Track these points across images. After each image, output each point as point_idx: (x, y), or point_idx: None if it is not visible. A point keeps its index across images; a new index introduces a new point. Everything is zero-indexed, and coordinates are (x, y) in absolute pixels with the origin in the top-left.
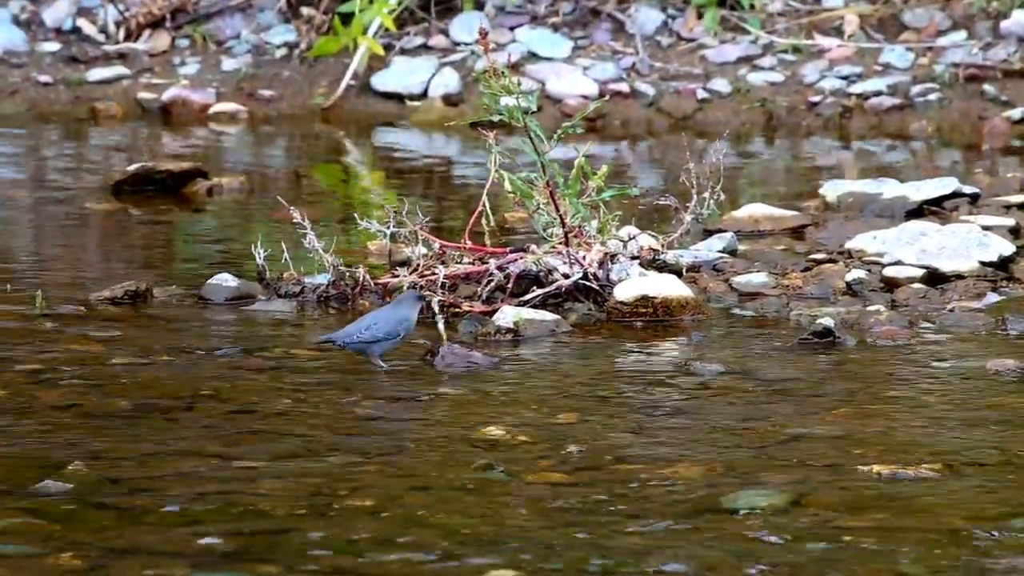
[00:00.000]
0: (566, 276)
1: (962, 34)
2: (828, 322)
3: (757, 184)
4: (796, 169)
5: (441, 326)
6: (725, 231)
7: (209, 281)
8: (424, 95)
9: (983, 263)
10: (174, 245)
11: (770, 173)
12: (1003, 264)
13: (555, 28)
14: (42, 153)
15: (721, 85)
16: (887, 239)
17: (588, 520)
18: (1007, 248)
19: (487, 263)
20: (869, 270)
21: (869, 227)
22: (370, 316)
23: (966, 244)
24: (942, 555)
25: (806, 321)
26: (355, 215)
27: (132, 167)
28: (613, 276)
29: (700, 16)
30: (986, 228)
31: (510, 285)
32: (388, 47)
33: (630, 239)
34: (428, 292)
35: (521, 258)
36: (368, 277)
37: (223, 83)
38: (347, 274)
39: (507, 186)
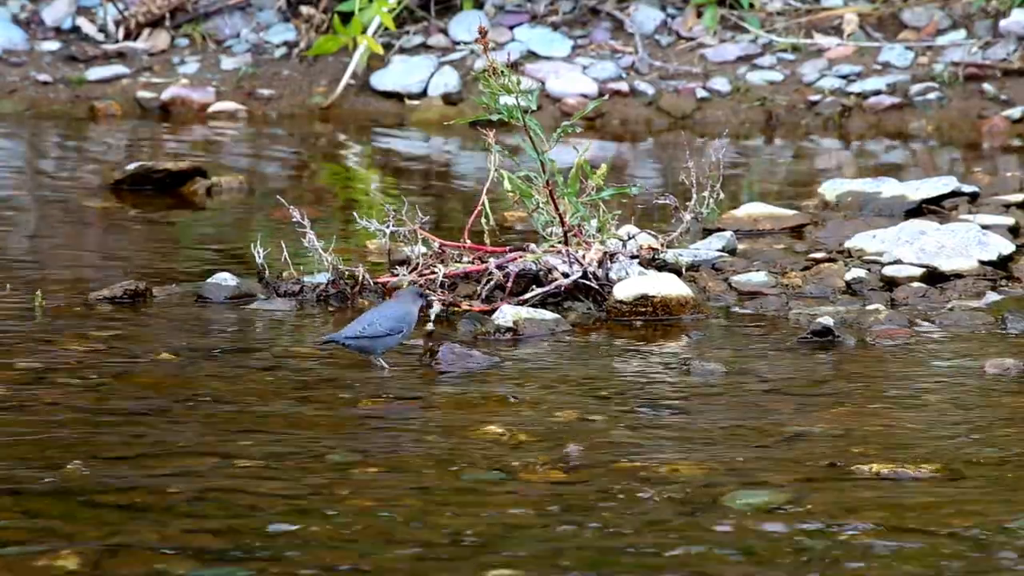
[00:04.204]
0: (565, 275)
1: (961, 33)
2: (827, 321)
3: (756, 183)
4: (795, 168)
5: (431, 324)
6: (724, 230)
7: (208, 280)
8: (423, 94)
9: (982, 262)
10: (173, 244)
11: (769, 172)
12: (1002, 263)
13: (554, 27)
14: (41, 152)
15: (720, 84)
16: (886, 238)
17: (587, 519)
18: (1006, 247)
19: (486, 262)
20: (868, 269)
21: (868, 226)
22: (371, 313)
23: (965, 243)
24: (942, 555)
25: (805, 320)
26: (355, 214)
27: (131, 166)
28: (612, 275)
29: (699, 15)
30: (985, 227)
31: (509, 284)
32: (387, 46)
33: (629, 238)
34: (428, 291)
35: (520, 257)
36: (368, 276)
37: (222, 82)
38: (346, 273)
39: (506, 185)
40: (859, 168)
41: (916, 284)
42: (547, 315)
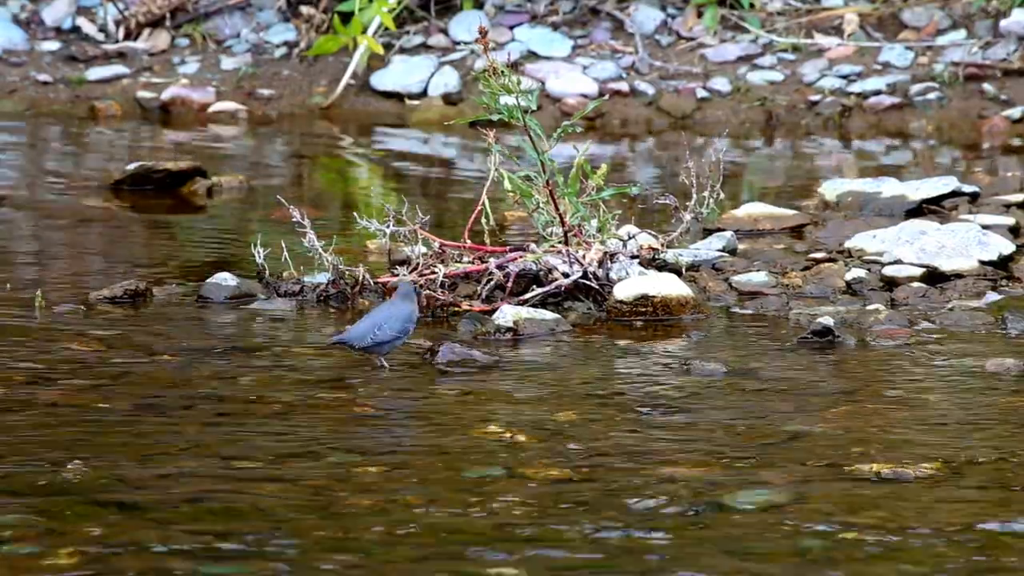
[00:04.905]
0: (566, 275)
1: (961, 33)
2: (828, 321)
3: (757, 183)
4: (795, 168)
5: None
6: (725, 230)
7: (209, 280)
8: (424, 94)
9: (983, 262)
10: (173, 244)
11: (769, 172)
12: (1003, 263)
13: (555, 27)
14: (41, 152)
15: (721, 84)
16: (887, 238)
17: (588, 519)
18: (1007, 247)
19: (487, 262)
20: (869, 269)
21: (869, 226)
22: (378, 315)
23: (966, 243)
24: (942, 555)
25: (806, 320)
26: (355, 214)
27: (131, 166)
28: (613, 275)
29: (700, 15)
30: (985, 227)
31: (510, 284)
32: (387, 46)
33: (629, 238)
34: (419, 285)
35: (520, 257)
36: (368, 276)
37: (222, 82)
38: (347, 273)
39: (507, 185)
40: (859, 168)
41: (916, 284)
42: (547, 315)
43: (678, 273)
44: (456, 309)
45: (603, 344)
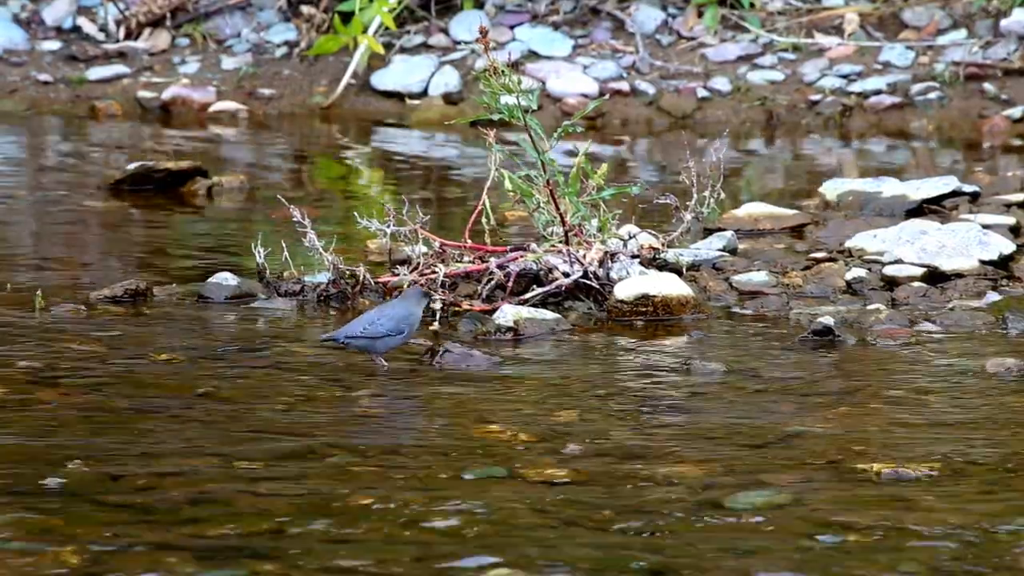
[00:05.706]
0: (566, 275)
1: (962, 32)
2: (828, 321)
3: (757, 183)
4: (796, 168)
5: (436, 324)
6: (725, 230)
7: (209, 280)
8: (424, 94)
9: (983, 262)
10: (174, 244)
11: (770, 172)
12: (1003, 262)
13: (555, 27)
14: (42, 152)
15: (721, 84)
16: (887, 238)
17: (588, 519)
18: (1007, 246)
19: (487, 261)
20: (869, 269)
21: (869, 226)
22: (374, 312)
23: (966, 242)
24: (942, 555)
25: (806, 320)
26: (355, 214)
27: (132, 166)
28: (613, 275)
29: (700, 15)
30: (986, 227)
31: (510, 284)
32: (388, 46)
33: (630, 238)
34: (431, 291)
35: (521, 256)
36: (368, 276)
37: (223, 82)
38: (347, 273)
39: (507, 185)
40: (860, 168)
41: (917, 284)
42: (548, 315)
43: (679, 273)
44: (456, 309)
45: (603, 344)
